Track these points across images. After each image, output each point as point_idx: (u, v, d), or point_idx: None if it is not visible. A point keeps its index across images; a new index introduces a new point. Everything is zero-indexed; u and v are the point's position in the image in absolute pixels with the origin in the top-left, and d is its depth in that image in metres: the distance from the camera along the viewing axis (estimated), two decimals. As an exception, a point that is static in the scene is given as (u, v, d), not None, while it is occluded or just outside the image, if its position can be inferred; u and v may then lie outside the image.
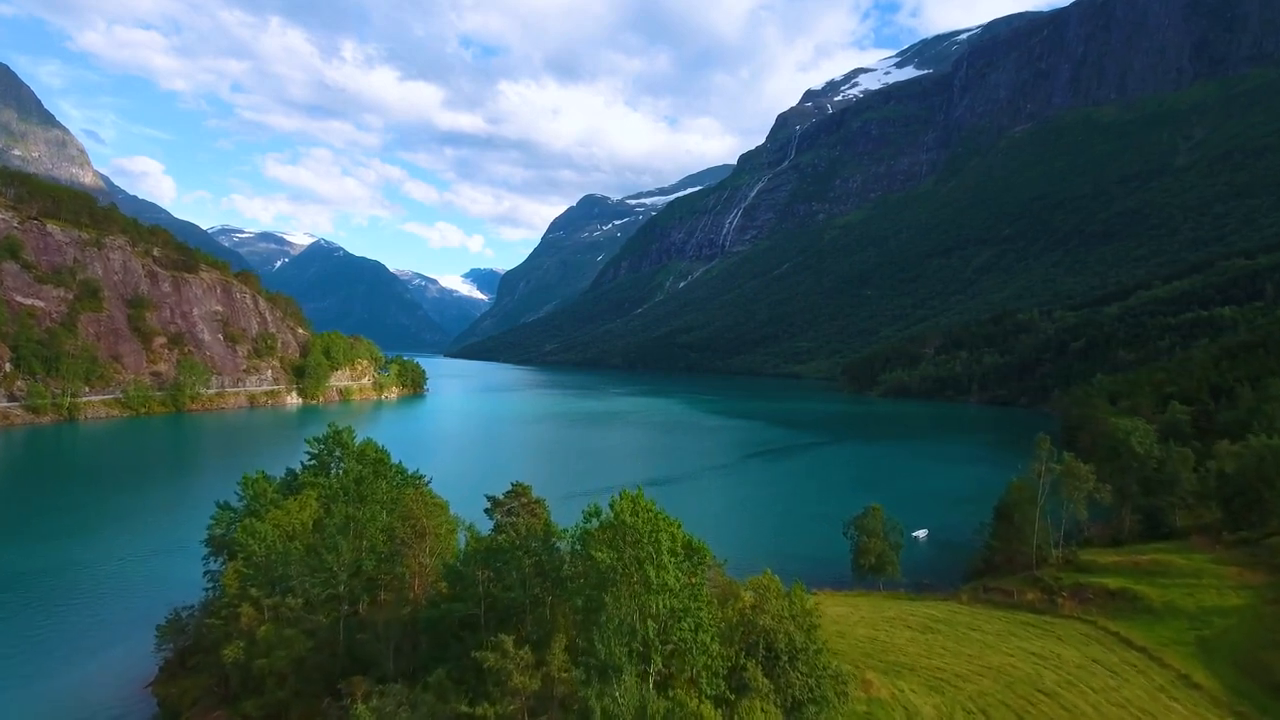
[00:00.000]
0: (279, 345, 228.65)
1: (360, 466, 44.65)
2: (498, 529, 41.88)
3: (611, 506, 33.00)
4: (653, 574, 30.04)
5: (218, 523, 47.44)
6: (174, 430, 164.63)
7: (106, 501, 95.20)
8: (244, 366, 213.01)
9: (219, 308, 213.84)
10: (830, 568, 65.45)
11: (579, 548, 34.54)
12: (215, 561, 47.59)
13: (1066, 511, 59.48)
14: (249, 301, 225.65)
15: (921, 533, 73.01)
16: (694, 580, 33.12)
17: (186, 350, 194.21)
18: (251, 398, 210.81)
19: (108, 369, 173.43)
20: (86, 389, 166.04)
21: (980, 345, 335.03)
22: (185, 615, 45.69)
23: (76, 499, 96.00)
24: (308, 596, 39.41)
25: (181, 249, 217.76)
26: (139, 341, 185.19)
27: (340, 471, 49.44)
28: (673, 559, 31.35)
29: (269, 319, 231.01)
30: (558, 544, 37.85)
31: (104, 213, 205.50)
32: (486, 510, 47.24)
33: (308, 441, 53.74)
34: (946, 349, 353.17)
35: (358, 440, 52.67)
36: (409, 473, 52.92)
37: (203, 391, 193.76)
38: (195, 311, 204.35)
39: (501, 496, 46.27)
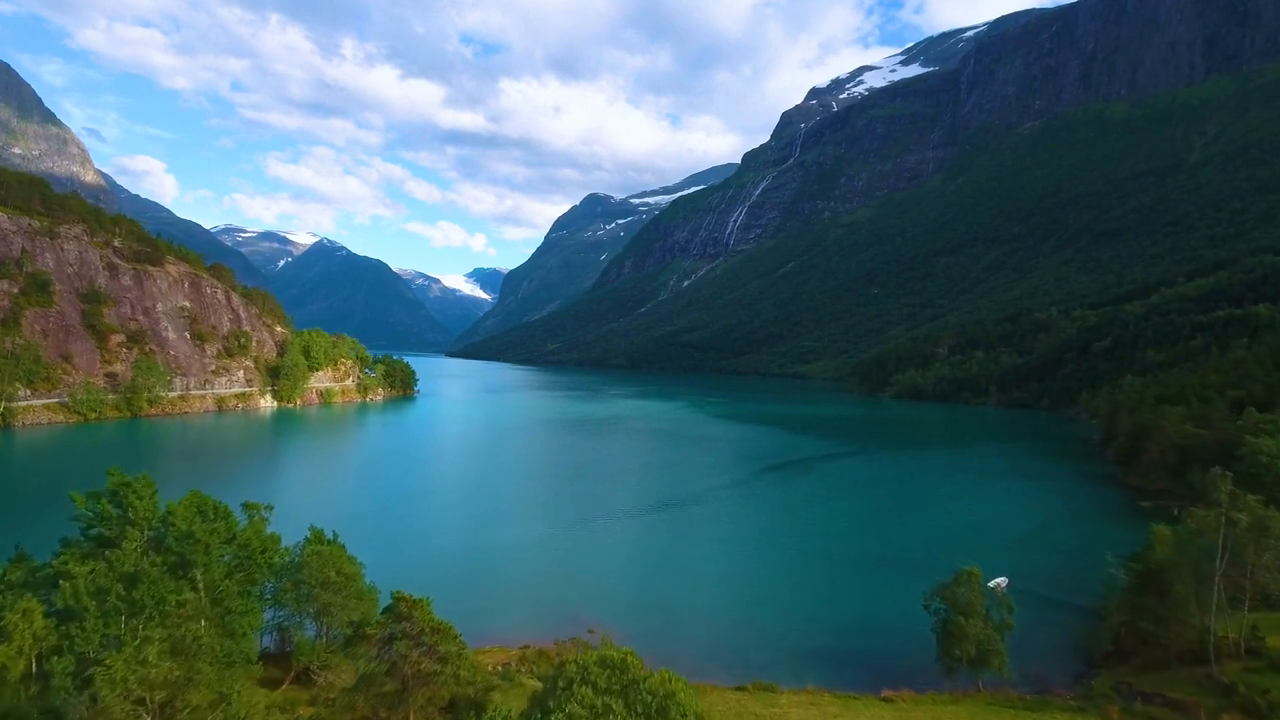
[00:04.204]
0: (254, 344, 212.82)
1: (149, 547, 26.31)
2: (364, 682, 25.73)
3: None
4: None
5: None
6: (122, 438, 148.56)
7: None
8: (213, 367, 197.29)
9: (186, 303, 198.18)
10: (896, 645, 49.01)
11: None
12: None
13: (1252, 580, 42.56)
14: (220, 297, 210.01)
15: (1000, 581, 56.07)
16: None
17: (148, 349, 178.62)
18: (220, 401, 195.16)
19: (55, 370, 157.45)
20: (27, 392, 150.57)
21: (996, 345, 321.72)
22: None
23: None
24: None
25: (145, 239, 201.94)
26: (93, 340, 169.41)
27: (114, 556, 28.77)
28: None
29: (243, 316, 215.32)
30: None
31: (59, 200, 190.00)
32: (347, 645, 31.08)
33: (75, 499, 34.08)
34: (961, 349, 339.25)
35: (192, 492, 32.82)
36: (274, 546, 35.18)
37: (163, 394, 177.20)
38: (159, 307, 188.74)
39: (375, 621, 29.62)
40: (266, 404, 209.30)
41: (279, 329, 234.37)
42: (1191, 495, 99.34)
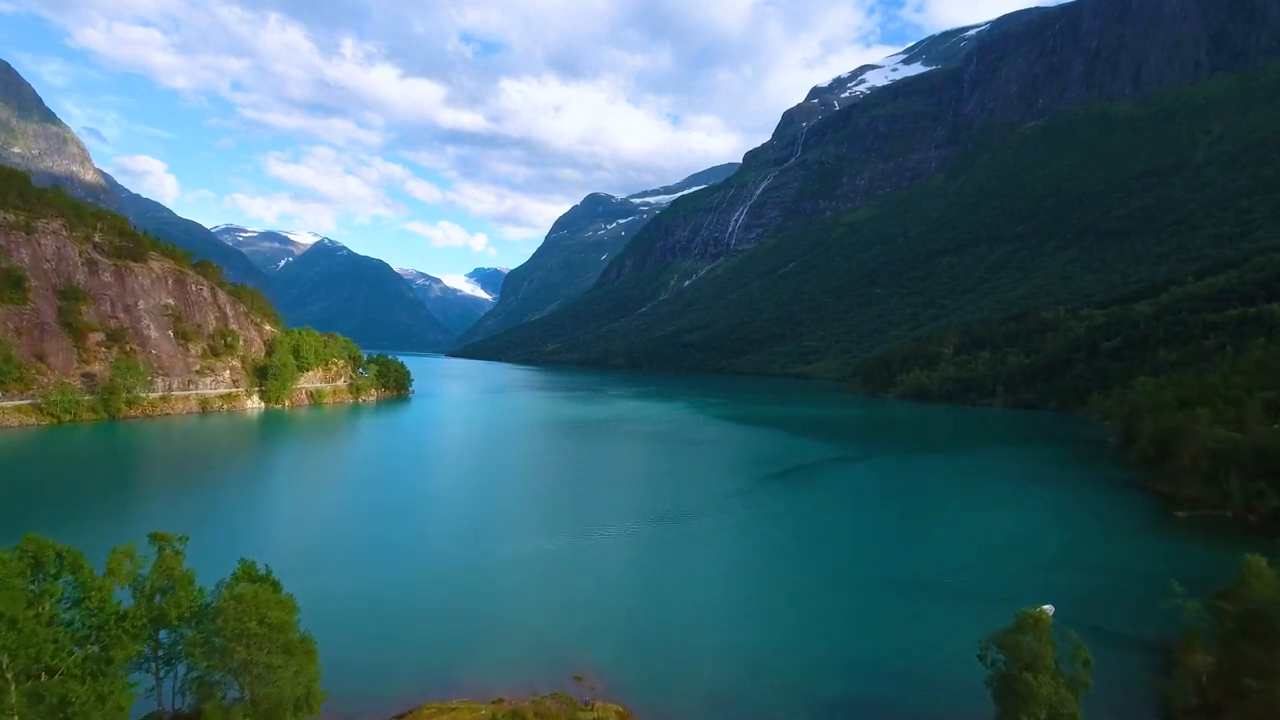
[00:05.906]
0: (241, 343, 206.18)
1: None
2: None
3: None
4: None
5: None
6: (96, 441, 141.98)
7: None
8: (197, 367, 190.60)
9: (170, 301, 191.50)
10: (935, 694, 42.04)
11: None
12: None
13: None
14: (206, 294, 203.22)
15: (1046, 610, 49.68)
16: None
17: (128, 349, 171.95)
18: (204, 402, 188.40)
19: (28, 370, 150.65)
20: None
21: (1002, 345, 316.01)
22: None
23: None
24: None
25: (128, 235, 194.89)
26: (70, 339, 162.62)
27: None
28: None
29: (230, 314, 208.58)
30: None
31: (38, 194, 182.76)
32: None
33: None
34: (966, 349, 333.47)
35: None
36: (144, 606, 27.50)
37: (143, 395, 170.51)
38: (141, 305, 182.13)
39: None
40: (253, 405, 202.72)
41: (268, 327, 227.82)
42: (1230, 504, 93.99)
